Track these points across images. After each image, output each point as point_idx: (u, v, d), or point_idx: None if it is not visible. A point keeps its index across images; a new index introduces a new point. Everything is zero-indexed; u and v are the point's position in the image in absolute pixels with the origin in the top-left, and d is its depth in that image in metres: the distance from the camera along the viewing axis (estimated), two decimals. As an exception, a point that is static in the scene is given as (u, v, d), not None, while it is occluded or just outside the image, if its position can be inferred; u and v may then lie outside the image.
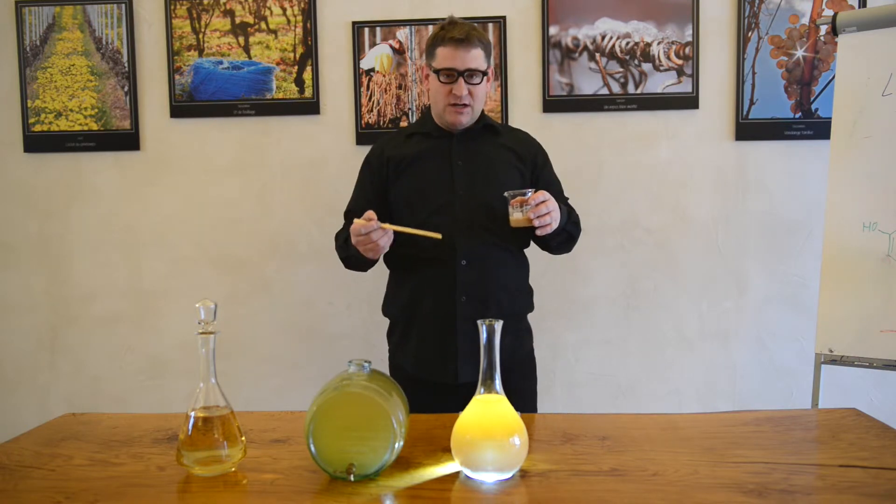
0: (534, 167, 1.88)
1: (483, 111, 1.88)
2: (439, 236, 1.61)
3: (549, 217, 1.64)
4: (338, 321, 2.55)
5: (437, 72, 1.75)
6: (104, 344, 2.61)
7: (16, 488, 1.07)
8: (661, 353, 2.52)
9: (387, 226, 1.59)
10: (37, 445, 1.25)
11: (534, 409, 1.92)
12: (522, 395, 1.85)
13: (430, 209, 1.76)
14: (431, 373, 1.78)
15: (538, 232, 1.67)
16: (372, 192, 1.85)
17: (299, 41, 2.50)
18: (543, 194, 1.65)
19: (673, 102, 2.45)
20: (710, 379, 2.52)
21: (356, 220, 1.60)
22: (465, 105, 1.75)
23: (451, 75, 1.73)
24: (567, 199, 1.94)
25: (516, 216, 1.67)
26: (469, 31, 1.73)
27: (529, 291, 1.92)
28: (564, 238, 1.81)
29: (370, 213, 1.59)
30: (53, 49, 2.55)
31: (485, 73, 1.76)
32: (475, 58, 1.73)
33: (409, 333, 1.83)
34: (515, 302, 1.85)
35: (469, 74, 1.73)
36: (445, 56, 1.73)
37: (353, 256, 1.73)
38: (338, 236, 1.86)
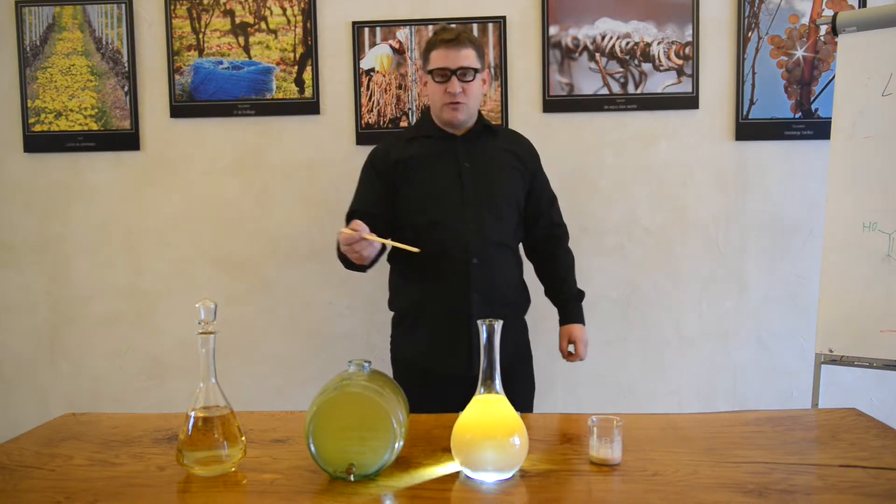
0: (532, 170, 1.96)
1: (480, 113, 1.94)
2: (418, 251, 1.64)
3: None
4: (338, 321, 2.55)
5: (431, 73, 1.83)
6: (104, 344, 2.61)
7: (16, 488, 1.07)
8: (661, 353, 2.52)
9: (371, 237, 1.61)
10: (37, 445, 1.25)
11: (531, 402, 2.00)
12: (525, 386, 1.97)
13: (440, 210, 1.82)
14: (442, 365, 1.83)
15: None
16: (378, 194, 1.88)
17: (299, 41, 2.50)
18: (583, 347, 1.97)
19: (673, 102, 2.45)
20: (710, 379, 2.52)
21: (343, 231, 1.63)
22: (460, 102, 1.81)
23: (444, 74, 1.80)
24: (555, 198, 2.03)
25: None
26: (459, 33, 1.83)
27: (525, 287, 2.00)
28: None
29: (356, 224, 1.61)
30: (53, 49, 2.55)
31: (477, 71, 1.82)
32: (466, 56, 1.80)
33: (418, 326, 1.88)
34: (520, 298, 1.95)
35: (461, 73, 1.80)
36: (438, 57, 1.81)
37: (345, 258, 1.76)
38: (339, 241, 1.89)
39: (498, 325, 1.10)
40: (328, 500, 1.02)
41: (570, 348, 1.97)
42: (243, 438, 1.14)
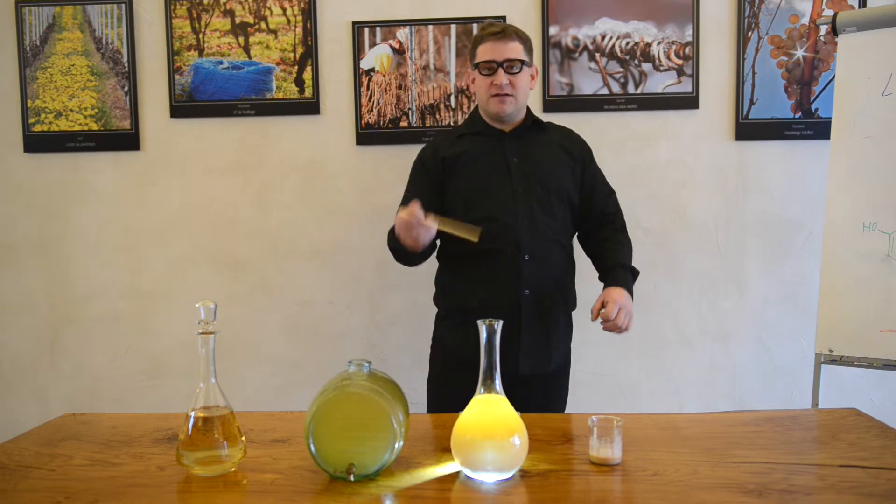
0: (582, 163, 1.93)
1: (529, 108, 1.93)
2: (475, 239, 1.64)
3: (624, 325, 1.73)
4: (338, 321, 2.55)
5: (477, 66, 1.82)
6: (104, 344, 2.61)
7: (16, 488, 1.07)
8: (661, 353, 2.52)
9: (428, 222, 1.61)
10: (37, 445, 1.25)
11: (566, 399, 2.01)
12: (565, 389, 1.98)
13: (489, 206, 1.81)
14: None
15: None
16: (427, 192, 1.86)
17: (299, 41, 2.50)
18: (614, 306, 1.70)
19: (673, 102, 2.45)
20: (710, 379, 2.52)
21: (400, 214, 1.63)
22: (507, 94, 1.80)
23: (490, 67, 1.80)
24: (613, 192, 2.00)
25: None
26: (506, 26, 1.83)
27: (575, 289, 1.97)
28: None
29: (414, 206, 1.60)
30: (53, 49, 2.55)
31: (524, 63, 1.81)
32: (513, 49, 1.79)
33: (467, 322, 1.83)
34: (570, 297, 1.93)
35: (508, 65, 1.79)
36: (485, 50, 1.81)
37: (399, 249, 1.77)
38: (390, 231, 1.88)
39: (498, 325, 1.10)
40: (328, 500, 1.02)
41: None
42: (243, 438, 1.14)
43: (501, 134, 1.87)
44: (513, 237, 1.78)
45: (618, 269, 1.84)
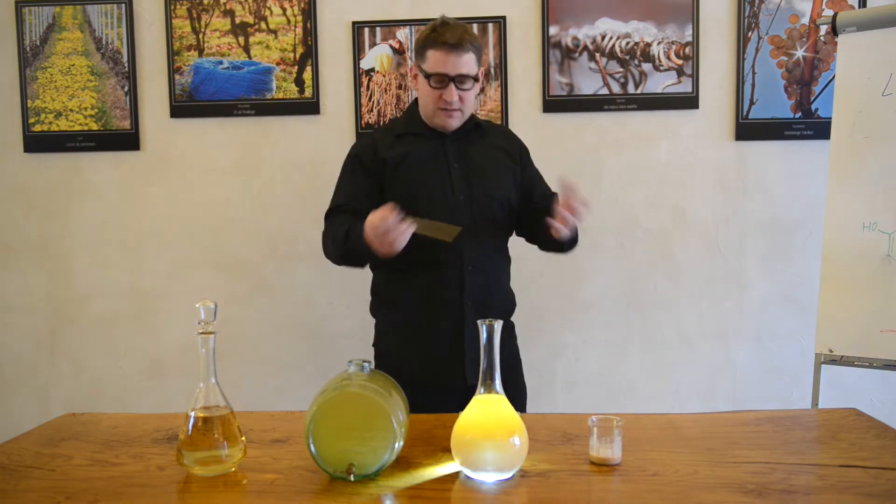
0: (522, 165, 1.87)
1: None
2: (451, 240, 1.58)
3: (582, 218, 1.61)
4: (338, 321, 2.55)
5: (427, 76, 1.71)
6: (104, 344, 2.61)
7: (16, 488, 1.07)
8: (661, 353, 2.52)
9: (406, 224, 1.51)
10: (37, 445, 1.25)
11: (524, 406, 1.91)
12: (520, 390, 1.88)
13: (432, 215, 1.70)
14: (439, 375, 1.76)
15: (558, 220, 1.60)
16: (365, 190, 1.79)
17: (299, 41, 2.50)
18: (577, 198, 1.59)
19: (673, 102, 2.45)
20: (710, 379, 2.52)
21: (375, 213, 1.53)
22: (456, 109, 1.73)
23: (441, 81, 1.69)
24: (553, 193, 1.90)
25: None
26: (461, 35, 1.69)
27: (512, 290, 1.91)
28: (568, 243, 1.78)
29: (389, 209, 1.51)
30: (53, 49, 2.55)
31: (475, 79, 1.74)
32: (466, 63, 1.69)
33: (412, 337, 1.80)
34: (509, 302, 1.87)
35: (460, 80, 1.69)
36: (437, 60, 1.69)
37: (353, 252, 1.69)
38: (328, 233, 1.82)
39: (498, 325, 1.10)
40: (328, 500, 1.02)
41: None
42: (243, 438, 1.14)
43: (442, 136, 1.78)
44: (456, 248, 1.68)
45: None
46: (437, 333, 1.77)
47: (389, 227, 1.50)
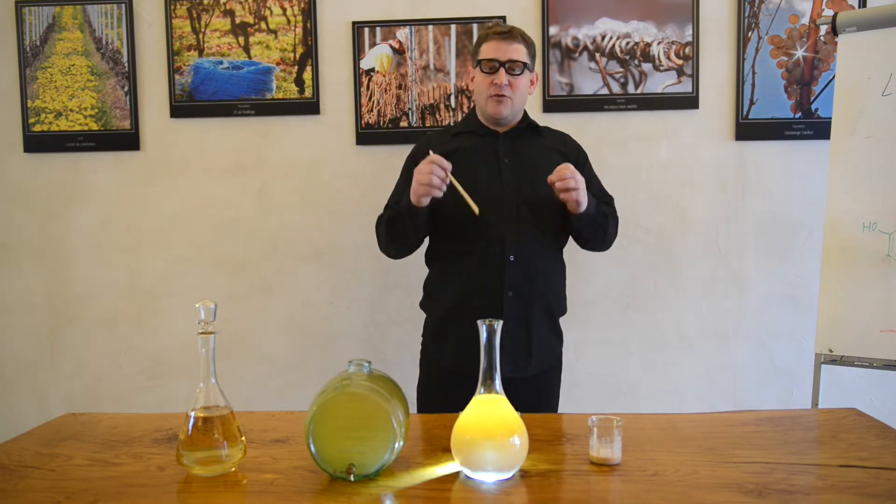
0: (576, 166, 1.87)
1: (526, 112, 1.92)
2: (477, 212, 1.68)
3: (574, 183, 1.67)
4: (338, 321, 2.55)
5: (479, 64, 1.81)
6: (104, 344, 2.61)
7: (16, 488, 1.07)
8: (661, 353, 2.52)
9: (450, 176, 1.66)
10: (37, 445, 1.25)
11: (556, 408, 1.96)
12: (550, 395, 1.93)
13: (477, 204, 1.76)
14: (470, 367, 1.77)
15: (561, 196, 1.69)
16: None
17: (299, 41, 2.50)
18: (567, 166, 1.70)
19: (673, 102, 2.45)
20: (710, 379, 2.52)
21: (432, 154, 1.67)
22: (505, 96, 1.79)
23: (492, 65, 1.79)
24: (611, 198, 1.98)
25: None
26: (512, 28, 1.83)
27: (565, 295, 1.96)
28: (592, 228, 1.84)
29: (439, 158, 1.65)
30: (53, 49, 2.55)
31: (526, 66, 1.81)
32: (517, 50, 1.79)
33: (449, 327, 1.85)
34: (557, 302, 1.90)
35: (510, 65, 1.78)
36: (489, 49, 1.80)
37: (398, 217, 1.77)
38: (380, 220, 1.89)
39: (498, 325, 1.10)
40: (328, 500, 1.02)
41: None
42: (243, 438, 1.14)
43: (496, 134, 1.87)
44: (497, 236, 1.76)
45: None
46: (473, 323, 1.78)
47: (435, 164, 1.63)
